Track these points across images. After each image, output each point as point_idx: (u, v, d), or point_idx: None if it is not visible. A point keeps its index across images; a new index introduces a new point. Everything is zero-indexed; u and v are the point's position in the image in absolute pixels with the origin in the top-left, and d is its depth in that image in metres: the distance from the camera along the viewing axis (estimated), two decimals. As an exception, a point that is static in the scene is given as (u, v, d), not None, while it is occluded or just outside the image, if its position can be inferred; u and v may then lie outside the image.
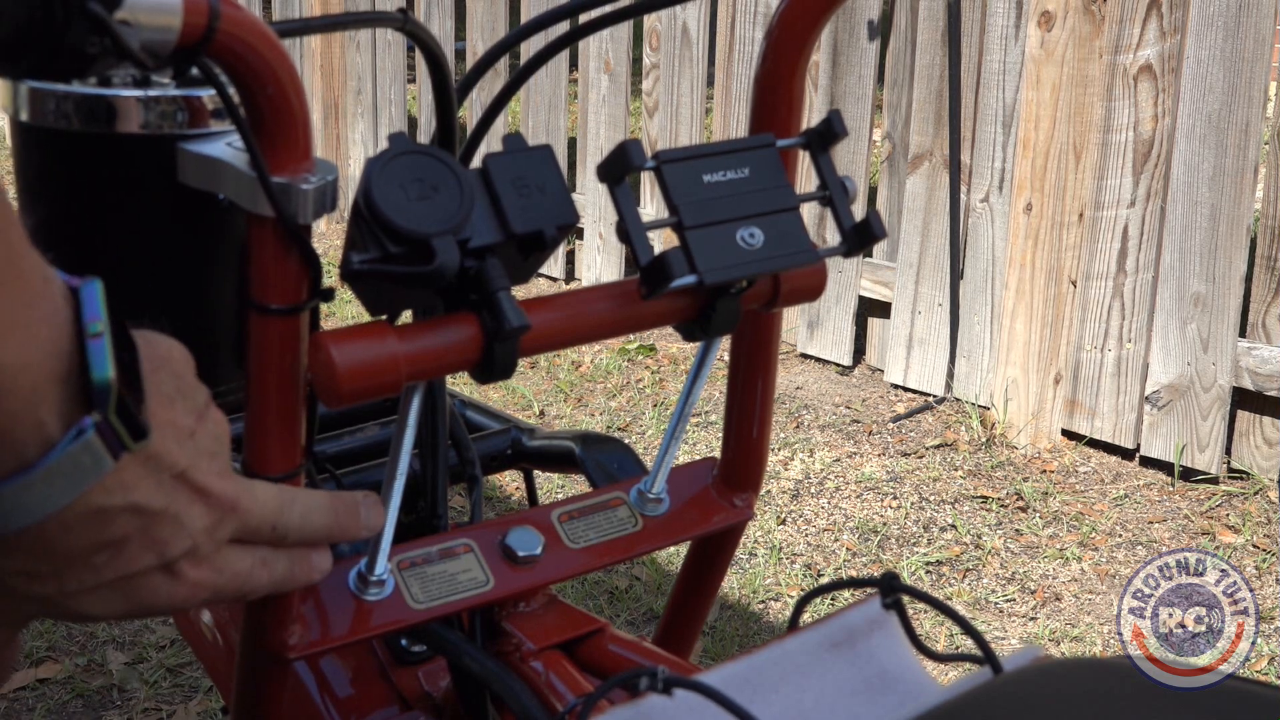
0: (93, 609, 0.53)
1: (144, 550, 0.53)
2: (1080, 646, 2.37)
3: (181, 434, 0.53)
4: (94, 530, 0.51)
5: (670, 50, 3.69)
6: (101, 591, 0.53)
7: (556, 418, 3.25)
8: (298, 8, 4.59)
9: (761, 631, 2.41)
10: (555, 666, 0.83)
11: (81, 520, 0.50)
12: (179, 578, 0.55)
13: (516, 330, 0.63)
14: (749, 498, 0.88)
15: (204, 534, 0.55)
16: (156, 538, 0.53)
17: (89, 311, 0.49)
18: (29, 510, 0.48)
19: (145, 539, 0.53)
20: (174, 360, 0.55)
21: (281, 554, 0.61)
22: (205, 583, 0.56)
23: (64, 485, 0.49)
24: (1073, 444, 3.05)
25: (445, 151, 0.63)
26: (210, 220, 0.73)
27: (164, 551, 0.54)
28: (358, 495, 0.65)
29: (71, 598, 0.53)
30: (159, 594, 0.55)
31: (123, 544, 0.52)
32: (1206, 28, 2.73)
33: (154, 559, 0.53)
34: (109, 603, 0.54)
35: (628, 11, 0.82)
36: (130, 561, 0.53)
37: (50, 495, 0.48)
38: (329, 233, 4.48)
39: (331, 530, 0.63)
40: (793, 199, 0.70)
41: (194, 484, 0.54)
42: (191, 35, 0.54)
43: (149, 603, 0.55)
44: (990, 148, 3.09)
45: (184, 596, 0.56)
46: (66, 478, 0.48)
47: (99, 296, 0.49)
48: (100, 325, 0.49)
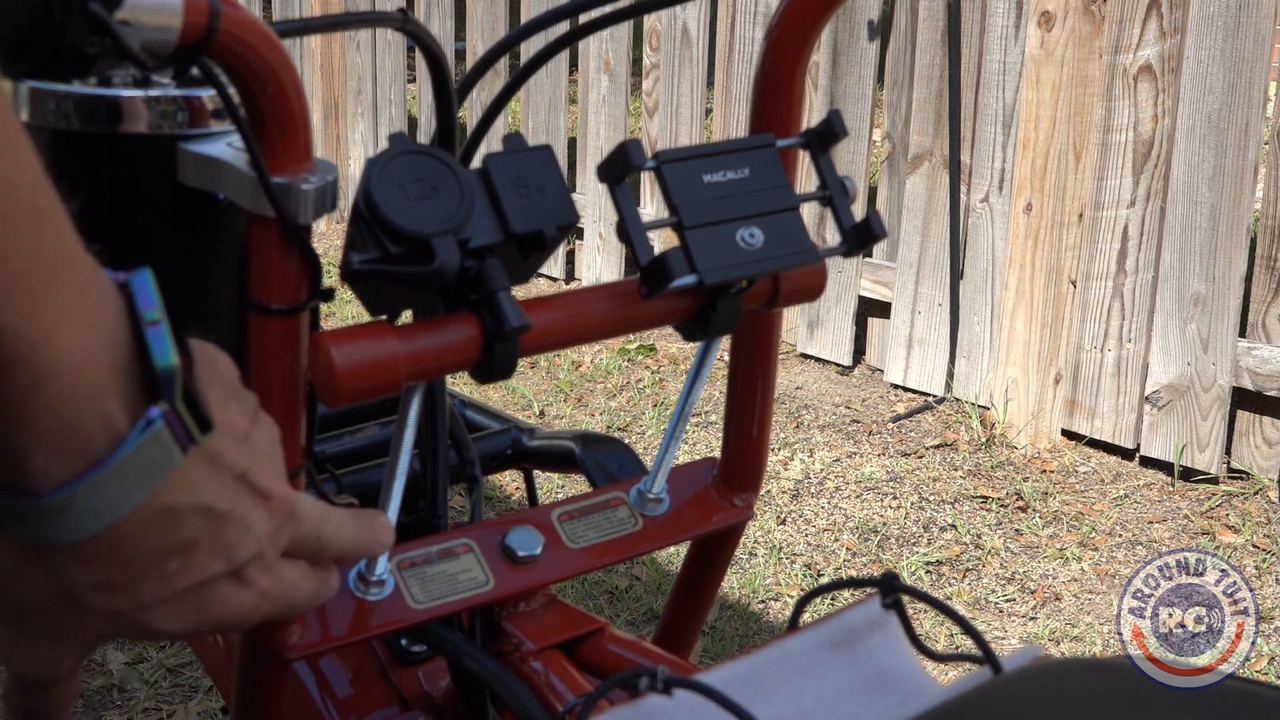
0: (165, 624, 0.52)
1: (214, 555, 0.51)
2: (1080, 646, 2.37)
3: (238, 435, 0.52)
4: (165, 533, 0.49)
5: (670, 50, 3.69)
6: (174, 604, 0.51)
7: (556, 418, 3.25)
8: (298, 8, 4.59)
9: (761, 631, 2.41)
10: (555, 666, 0.83)
11: (153, 522, 0.48)
12: (247, 585, 0.53)
13: (516, 330, 0.63)
14: (749, 498, 0.88)
15: (268, 539, 0.53)
16: (225, 542, 0.51)
17: (143, 300, 0.47)
18: (102, 513, 0.47)
19: (214, 543, 0.51)
20: (221, 364, 0.54)
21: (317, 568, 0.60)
22: (269, 592, 0.54)
23: (136, 482, 0.47)
24: (1073, 444, 3.05)
25: (445, 151, 0.63)
26: (210, 220, 0.73)
27: (233, 556, 0.52)
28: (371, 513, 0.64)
29: (145, 610, 0.51)
30: (229, 604, 0.53)
31: (194, 548, 0.50)
32: (1206, 28, 2.73)
33: (223, 565, 0.52)
34: (181, 616, 0.52)
35: (628, 11, 0.82)
36: (202, 567, 0.51)
37: (123, 494, 0.47)
38: (329, 233, 4.48)
39: (358, 545, 0.61)
40: (793, 199, 0.70)
41: (256, 486, 0.52)
42: (192, 35, 0.54)
43: (218, 614, 0.53)
44: (990, 148, 3.09)
45: (252, 606, 0.54)
46: (138, 474, 0.47)
47: (152, 285, 0.48)
48: (157, 313, 0.47)
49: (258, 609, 0.54)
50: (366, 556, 0.63)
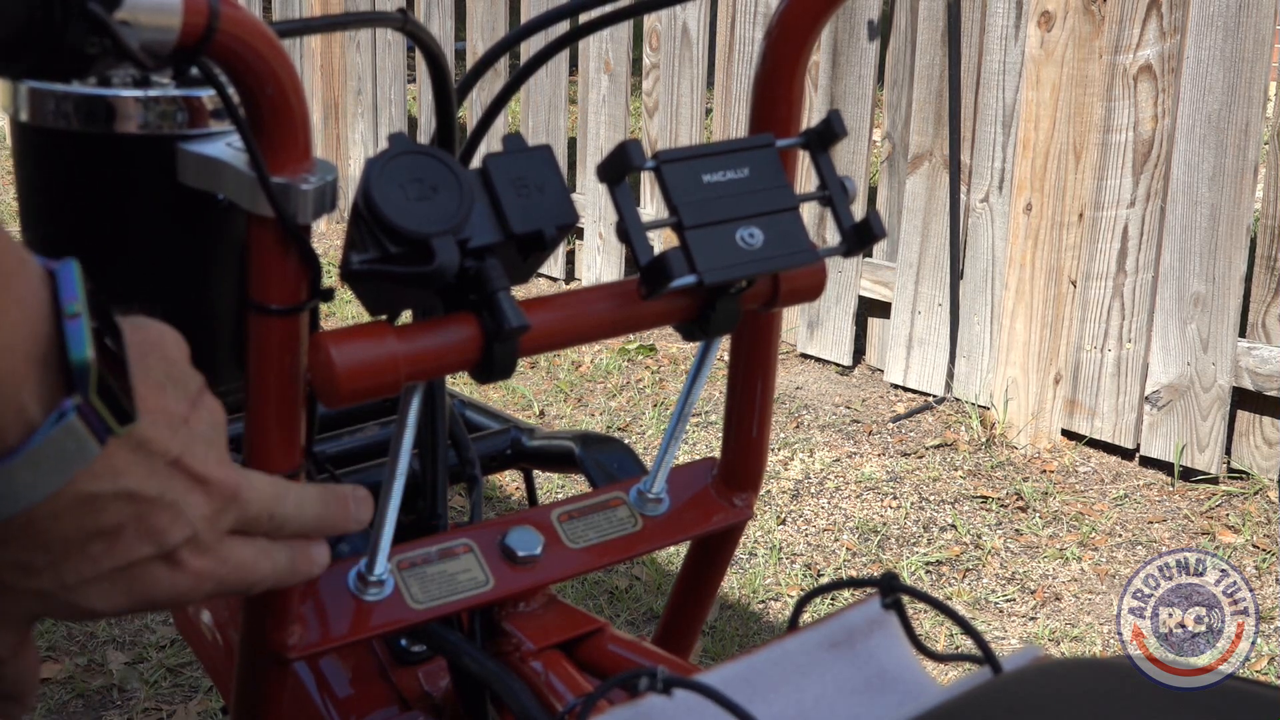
0: (93, 603, 0.52)
1: (140, 539, 0.52)
2: (1080, 646, 2.37)
3: (174, 420, 0.53)
4: (85, 518, 0.50)
5: (670, 50, 3.69)
6: (101, 584, 0.52)
7: (556, 418, 3.25)
8: (298, 8, 4.59)
9: (761, 631, 2.41)
10: (555, 666, 0.83)
11: (71, 508, 0.49)
12: (181, 567, 0.54)
13: (516, 330, 0.63)
14: (749, 497, 0.88)
15: (205, 522, 0.54)
16: (153, 526, 0.52)
17: (67, 292, 0.48)
18: (14, 498, 0.48)
19: (141, 527, 0.52)
20: (165, 345, 0.54)
21: (281, 545, 0.60)
22: (208, 573, 0.55)
23: (49, 471, 0.48)
24: (1073, 444, 3.05)
25: (445, 151, 0.63)
26: (210, 220, 0.73)
27: (162, 540, 0.52)
28: (347, 488, 0.65)
29: (71, 591, 0.52)
30: (160, 584, 0.54)
31: (117, 532, 0.51)
32: (1206, 28, 2.73)
33: (152, 548, 0.52)
34: (109, 596, 0.53)
35: (628, 11, 0.82)
36: (127, 551, 0.52)
37: (35, 482, 0.48)
38: (329, 233, 4.48)
39: (322, 521, 0.62)
40: (792, 199, 0.70)
41: (191, 471, 0.53)
42: (191, 35, 0.54)
43: (151, 594, 0.54)
44: (990, 148, 3.09)
45: (187, 587, 0.55)
46: (51, 463, 0.48)
47: (76, 277, 0.49)
48: (78, 306, 0.48)
49: (196, 589, 0.55)
50: (337, 532, 0.63)
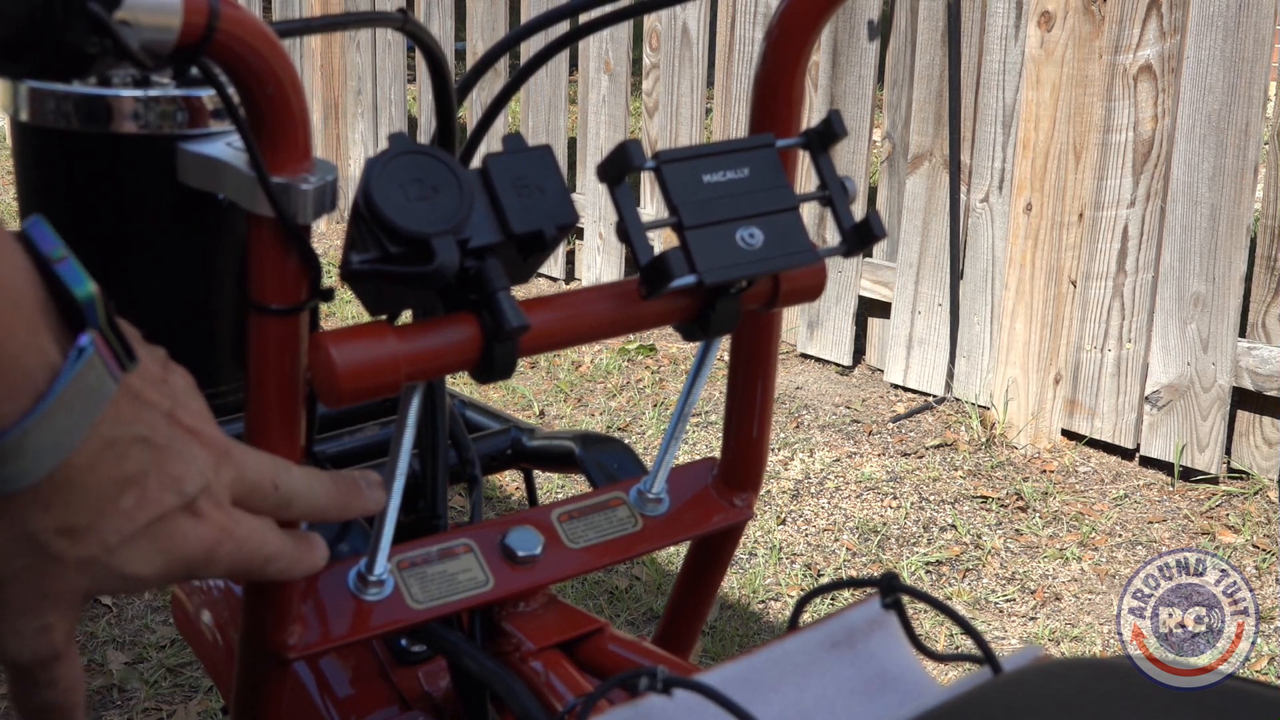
0: (135, 566, 0.54)
1: (163, 487, 0.53)
2: (1080, 646, 2.37)
3: (155, 378, 0.54)
4: (113, 466, 0.51)
5: (670, 50, 3.69)
6: (139, 542, 0.53)
7: (556, 418, 3.25)
8: (298, 8, 4.59)
9: (761, 631, 2.41)
10: (555, 666, 0.83)
11: (101, 454, 0.51)
12: (203, 518, 0.55)
13: (516, 330, 0.63)
14: (749, 498, 0.88)
15: (211, 471, 0.56)
16: (171, 473, 0.54)
17: (45, 243, 0.50)
18: (56, 447, 0.49)
19: (162, 475, 0.53)
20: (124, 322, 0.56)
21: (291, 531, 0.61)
22: (226, 529, 0.56)
23: (80, 411, 0.49)
24: (1073, 444, 3.05)
25: (445, 151, 0.63)
26: (210, 220, 0.73)
27: (181, 488, 0.54)
28: (358, 473, 0.65)
29: (114, 553, 0.53)
30: (189, 539, 0.55)
31: (143, 480, 0.53)
32: (1206, 28, 2.73)
33: (175, 497, 0.54)
34: (149, 558, 0.54)
35: (628, 11, 0.82)
36: (156, 501, 0.53)
37: (70, 425, 0.49)
38: (329, 233, 4.48)
39: (335, 502, 0.63)
40: (792, 199, 0.70)
41: (184, 424, 0.55)
42: (191, 35, 0.55)
43: (183, 551, 0.55)
44: (990, 148, 3.09)
45: (212, 540, 0.56)
46: (79, 402, 0.49)
47: (49, 228, 0.50)
48: (61, 250, 0.50)
49: (219, 545, 0.56)
50: (352, 515, 0.64)
